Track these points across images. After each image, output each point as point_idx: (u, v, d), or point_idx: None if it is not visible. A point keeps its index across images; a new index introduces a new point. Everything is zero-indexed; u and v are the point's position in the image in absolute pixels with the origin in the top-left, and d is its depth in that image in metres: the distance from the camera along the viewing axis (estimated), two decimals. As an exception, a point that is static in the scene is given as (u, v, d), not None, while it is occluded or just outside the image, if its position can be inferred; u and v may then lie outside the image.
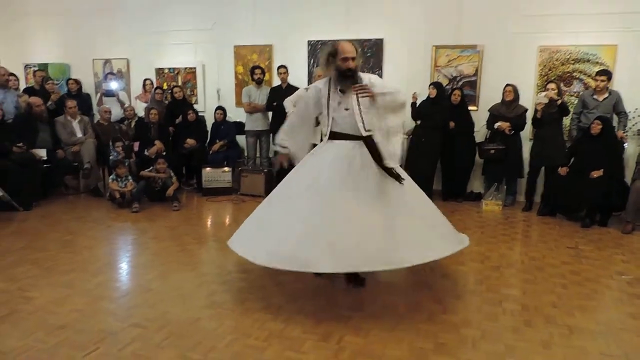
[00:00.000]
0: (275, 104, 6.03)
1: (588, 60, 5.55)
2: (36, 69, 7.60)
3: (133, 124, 6.48)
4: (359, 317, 2.76)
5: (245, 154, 6.64)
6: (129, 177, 5.53)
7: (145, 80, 7.11)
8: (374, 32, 6.33)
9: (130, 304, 2.97)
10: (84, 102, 6.79)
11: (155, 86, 6.98)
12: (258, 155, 6.56)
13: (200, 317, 2.76)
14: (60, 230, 4.50)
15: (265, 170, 6.11)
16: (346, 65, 2.94)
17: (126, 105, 6.81)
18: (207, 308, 2.88)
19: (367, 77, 3.03)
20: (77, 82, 6.91)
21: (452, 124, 5.58)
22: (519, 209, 5.49)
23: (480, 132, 5.89)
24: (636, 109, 5.34)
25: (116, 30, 7.55)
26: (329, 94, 3.06)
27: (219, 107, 6.61)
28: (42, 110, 5.82)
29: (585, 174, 4.85)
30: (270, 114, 6.37)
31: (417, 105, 5.76)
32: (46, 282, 3.26)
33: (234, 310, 2.86)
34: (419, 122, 5.77)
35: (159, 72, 7.43)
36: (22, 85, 7.36)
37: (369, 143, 2.97)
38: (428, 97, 5.72)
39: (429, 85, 5.74)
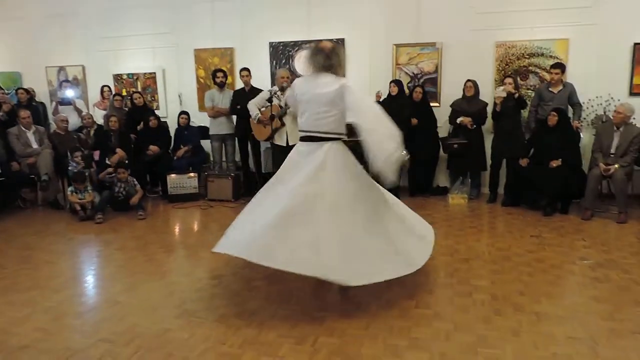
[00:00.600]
0: (239, 107, 5.95)
1: (542, 54, 5.75)
2: (-16, 78, 7.25)
3: (92, 132, 6.26)
4: (333, 317, 2.76)
5: (211, 158, 6.53)
6: (89, 188, 5.33)
7: (103, 87, 6.90)
8: (336, 33, 6.35)
9: (97, 318, 2.86)
10: (36, 112, 6.51)
11: (113, 93, 6.77)
12: (224, 159, 6.47)
13: (170, 328, 2.68)
14: (18, 246, 4.30)
15: (232, 174, 6.03)
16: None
17: (84, 113, 6.57)
18: (178, 318, 2.81)
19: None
20: (27, 91, 6.62)
21: (414, 121, 5.66)
22: (484, 201, 5.63)
23: (443, 127, 6.01)
24: (589, 99, 5.57)
25: (70, 36, 7.28)
26: None
27: (183, 112, 6.47)
28: None
29: (544, 164, 5.02)
30: (234, 117, 6.29)
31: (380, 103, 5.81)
32: (4, 301, 3.10)
33: (206, 318, 2.80)
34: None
35: (117, 78, 7.22)
36: (-30, 96, 7.01)
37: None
38: (389, 94, 5.78)
39: (390, 83, 5.80)
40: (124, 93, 7.05)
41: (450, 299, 2.99)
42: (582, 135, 5.46)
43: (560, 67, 5.34)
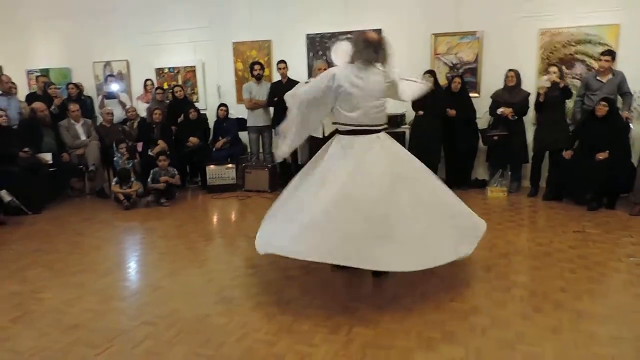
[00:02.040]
0: (276, 99, 6.01)
1: (590, 42, 5.49)
2: (38, 74, 7.63)
3: (135, 124, 6.50)
4: (367, 308, 2.78)
5: (248, 150, 6.65)
6: (132, 179, 5.54)
7: (145, 80, 7.12)
8: (373, 23, 6.25)
9: (141, 302, 3.00)
10: (85, 106, 6.81)
11: (156, 86, 6.99)
12: (261, 150, 6.57)
13: (209, 314, 2.78)
14: (68, 232, 4.54)
15: (268, 165, 6.12)
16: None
17: (128, 106, 6.83)
18: (217, 304, 2.91)
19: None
20: (77, 86, 6.93)
21: (452, 112, 5.54)
22: (525, 195, 5.47)
23: (483, 118, 5.86)
24: (641, 89, 5.29)
25: (114, 32, 7.54)
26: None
27: (222, 104, 6.61)
28: (45, 115, 5.86)
29: (590, 157, 4.82)
30: (271, 109, 6.36)
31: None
32: (58, 283, 3.30)
33: (243, 305, 2.89)
34: (420, 112, 5.72)
35: (159, 72, 7.43)
36: (25, 91, 7.41)
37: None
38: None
39: (424, 74, 5.67)
40: (165, 86, 7.25)
41: (487, 294, 2.95)
42: (632, 126, 5.19)
43: (611, 54, 5.08)
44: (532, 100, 5.44)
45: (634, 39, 5.29)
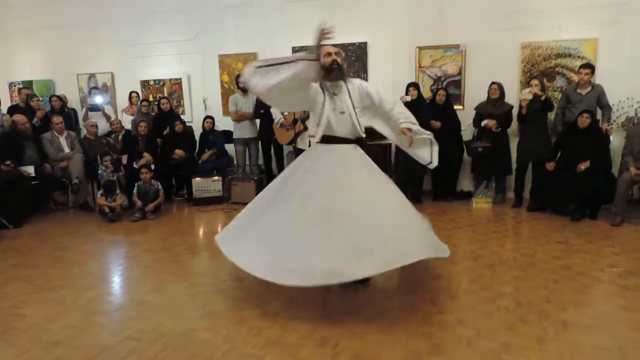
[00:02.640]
0: (262, 111, 6.04)
1: (570, 55, 5.63)
2: (21, 86, 7.54)
3: (120, 137, 6.44)
4: (355, 321, 2.77)
5: (235, 162, 6.63)
6: (117, 192, 5.48)
7: (131, 92, 7.09)
8: (358, 36, 6.38)
9: (124, 317, 2.95)
10: (68, 118, 6.75)
11: (141, 98, 6.95)
12: (247, 163, 6.56)
13: (195, 328, 2.74)
14: (50, 247, 4.45)
15: (255, 177, 6.11)
16: (330, 59, 3.03)
17: (112, 118, 6.78)
18: (202, 318, 2.87)
19: (357, 82, 3.13)
20: (60, 98, 6.86)
21: (437, 124, 5.61)
22: (509, 206, 5.54)
23: (467, 130, 5.94)
24: (620, 101, 5.43)
25: (99, 44, 7.52)
26: (324, 99, 3.08)
27: (208, 116, 6.60)
28: (26, 127, 5.77)
29: (572, 168, 4.91)
30: (258, 121, 6.37)
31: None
32: (38, 299, 3.23)
33: (229, 319, 2.85)
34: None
35: (145, 84, 7.41)
36: (7, 104, 7.31)
37: (364, 145, 3.14)
38: (410, 97, 5.73)
39: (409, 87, 5.74)
40: (151, 99, 7.23)
41: (473, 305, 2.96)
42: (611, 138, 5.32)
43: (590, 67, 5.21)
44: (515, 112, 5.54)
45: (612, 53, 5.44)
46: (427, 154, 3.34)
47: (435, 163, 3.37)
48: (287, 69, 2.77)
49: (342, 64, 3.10)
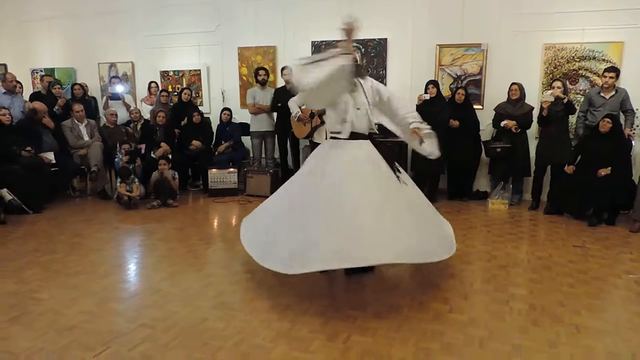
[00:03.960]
0: (279, 104, 6.05)
1: (594, 58, 5.52)
2: (43, 74, 7.67)
3: (139, 126, 6.52)
4: (366, 317, 2.77)
5: (251, 154, 6.67)
6: (136, 180, 5.56)
7: (150, 82, 7.16)
8: (378, 32, 6.33)
9: (139, 304, 2.99)
10: (89, 106, 6.85)
11: (160, 89, 7.02)
12: (263, 156, 6.59)
13: (207, 318, 2.78)
14: (68, 233, 4.54)
15: (270, 170, 6.13)
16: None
17: (132, 108, 6.86)
18: (215, 308, 2.90)
19: (370, 80, 3.15)
20: (81, 86, 6.96)
21: (455, 123, 5.56)
22: (526, 208, 5.47)
23: (486, 130, 5.88)
24: (643, 106, 5.31)
25: (121, 33, 7.61)
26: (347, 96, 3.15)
27: (226, 108, 6.64)
28: (44, 117, 5.82)
29: (592, 173, 4.82)
30: (275, 114, 6.39)
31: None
32: (55, 284, 3.30)
33: (241, 310, 2.88)
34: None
35: (164, 74, 7.48)
36: (30, 91, 7.45)
37: (375, 140, 3.17)
38: (429, 96, 5.69)
39: (428, 84, 5.70)
40: (170, 89, 7.30)
41: (485, 306, 2.94)
42: (633, 144, 5.21)
43: (615, 70, 5.10)
44: (535, 114, 5.46)
45: (638, 57, 5.31)
46: (429, 146, 3.30)
47: (436, 153, 3.34)
48: (328, 65, 2.85)
49: (360, 62, 3.13)
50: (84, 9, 7.66)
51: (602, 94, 5.16)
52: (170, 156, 5.91)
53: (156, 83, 7.20)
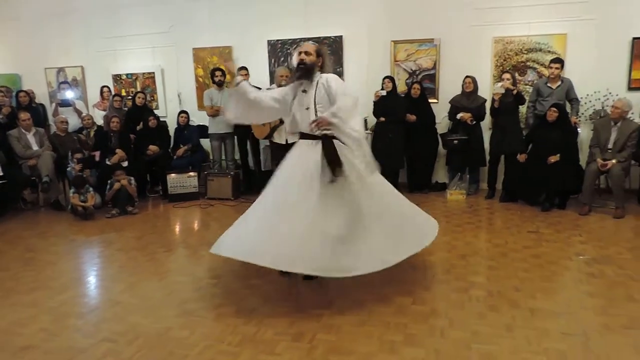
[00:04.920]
0: (238, 105, 5.98)
1: (540, 50, 5.75)
2: (-15, 81, 7.28)
3: (92, 133, 6.30)
4: (330, 314, 2.80)
5: (211, 157, 6.57)
6: (90, 190, 5.38)
7: (102, 87, 6.93)
8: (333, 30, 6.38)
9: (99, 318, 2.91)
10: (37, 114, 6.56)
11: (113, 93, 6.81)
12: (223, 158, 6.51)
13: (171, 327, 2.73)
14: (20, 248, 4.35)
15: (231, 172, 6.07)
16: (298, 59, 3.09)
17: (83, 114, 6.61)
18: (179, 317, 2.86)
19: (325, 77, 3.10)
20: (27, 93, 6.64)
21: (412, 117, 5.68)
22: (483, 197, 5.65)
23: (442, 123, 6.03)
24: (588, 94, 5.58)
25: (69, 37, 7.31)
26: (295, 95, 3.15)
27: (183, 111, 6.50)
28: None
29: (542, 160, 5.03)
30: (233, 116, 6.31)
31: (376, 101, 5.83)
32: (8, 303, 3.15)
33: (205, 317, 2.85)
34: (382, 118, 5.82)
35: (116, 78, 7.26)
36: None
37: (325, 142, 3.00)
38: (385, 91, 5.77)
39: (384, 79, 5.79)
40: (123, 93, 7.09)
41: (446, 296, 3.03)
42: (579, 131, 5.47)
43: (560, 62, 5.34)
44: (488, 106, 5.64)
45: (580, 48, 5.59)
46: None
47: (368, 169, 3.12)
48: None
49: (312, 62, 3.08)
50: (28, 12, 7.32)
51: (549, 85, 5.39)
52: (126, 163, 5.74)
53: (108, 87, 6.98)
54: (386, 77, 5.84)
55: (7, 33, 7.53)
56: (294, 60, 3.16)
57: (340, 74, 6.40)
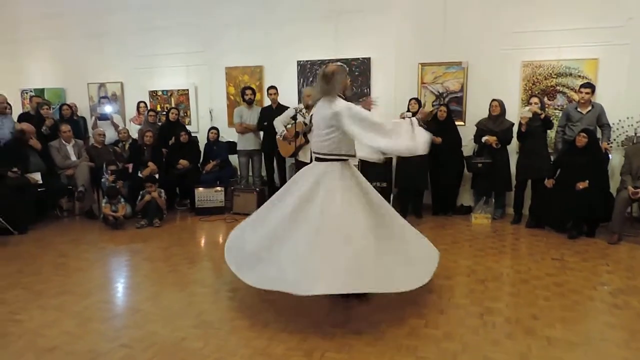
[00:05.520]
0: (266, 124, 6.14)
1: (570, 74, 5.68)
2: (32, 94, 7.74)
3: (127, 146, 6.58)
4: (343, 333, 2.81)
5: (238, 173, 6.73)
6: (122, 200, 5.60)
7: (139, 102, 7.25)
8: (362, 52, 6.48)
9: (120, 324, 3.02)
10: (77, 126, 6.91)
11: (148, 108, 7.10)
12: (250, 174, 6.65)
13: (186, 337, 2.81)
14: (53, 254, 4.56)
15: (257, 189, 6.19)
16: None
17: (120, 128, 6.92)
18: (195, 327, 2.93)
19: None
20: (70, 107, 7.02)
21: (438, 140, 5.67)
22: (508, 222, 5.55)
23: (468, 146, 5.99)
24: (620, 120, 5.45)
25: (110, 54, 7.72)
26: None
27: (213, 127, 6.72)
28: (32, 139, 5.84)
29: (571, 186, 4.92)
30: (261, 133, 6.48)
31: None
32: (37, 305, 3.31)
33: (220, 329, 2.92)
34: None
35: (153, 94, 7.57)
36: (19, 111, 7.51)
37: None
38: (410, 113, 5.79)
39: (410, 100, 5.83)
40: (159, 109, 7.38)
41: (461, 320, 2.99)
42: (610, 157, 5.33)
43: (591, 86, 5.25)
44: (515, 129, 5.58)
45: (611, 73, 5.48)
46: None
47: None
48: None
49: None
50: (73, 30, 7.78)
51: (579, 109, 5.30)
52: (157, 175, 5.96)
53: (145, 103, 7.29)
54: (412, 98, 5.88)
55: (53, 50, 8.00)
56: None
57: (368, 95, 6.49)
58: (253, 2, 6.86)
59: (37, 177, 5.68)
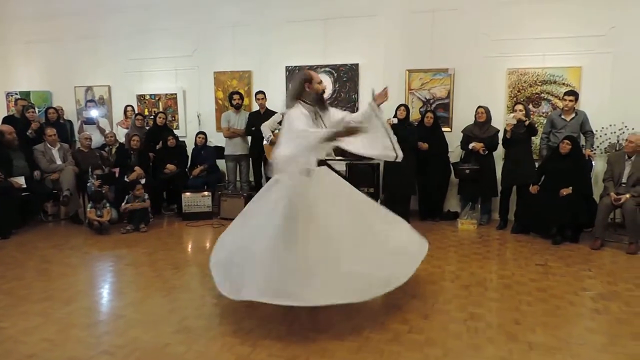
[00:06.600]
0: (254, 128, 6.15)
1: (555, 82, 5.76)
2: (18, 97, 7.66)
3: (114, 150, 6.53)
4: (326, 339, 2.81)
5: (226, 178, 6.71)
6: (107, 205, 5.56)
7: (126, 106, 7.21)
8: (350, 58, 6.52)
9: (101, 331, 2.99)
10: (63, 130, 6.85)
11: (135, 112, 7.07)
12: (238, 179, 6.64)
13: (169, 343, 2.79)
14: (36, 259, 4.51)
15: (244, 194, 6.18)
16: (322, 87, 3.22)
17: (107, 132, 6.87)
18: (178, 333, 2.92)
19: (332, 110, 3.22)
20: (56, 110, 6.96)
21: (425, 146, 5.71)
22: (494, 227, 5.60)
23: (454, 152, 6.04)
24: (603, 127, 5.54)
25: (97, 57, 7.67)
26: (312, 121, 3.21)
27: (201, 132, 6.70)
28: (13, 138, 5.78)
29: (555, 192, 4.98)
30: (249, 138, 6.48)
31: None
32: (18, 311, 3.27)
33: (203, 335, 2.90)
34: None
35: (141, 98, 7.54)
36: (4, 114, 7.43)
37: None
38: (397, 119, 5.83)
39: (399, 106, 5.86)
40: (146, 113, 7.35)
41: (444, 325, 3.01)
42: (593, 164, 5.41)
43: (574, 94, 5.34)
44: (500, 136, 5.64)
45: (595, 81, 5.58)
46: (388, 149, 3.33)
47: (400, 155, 3.37)
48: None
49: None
50: (61, 34, 7.72)
51: (563, 117, 5.38)
52: (143, 180, 5.92)
53: (132, 107, 7.25)
54: (401, 104, 5.92)
55: (40, 53, 7.94)
56: (321, 86, 3.21)
57: (355, 101, 6.53)
58: (243, 8, 6.88)
59: (20, 181, 5.62)
